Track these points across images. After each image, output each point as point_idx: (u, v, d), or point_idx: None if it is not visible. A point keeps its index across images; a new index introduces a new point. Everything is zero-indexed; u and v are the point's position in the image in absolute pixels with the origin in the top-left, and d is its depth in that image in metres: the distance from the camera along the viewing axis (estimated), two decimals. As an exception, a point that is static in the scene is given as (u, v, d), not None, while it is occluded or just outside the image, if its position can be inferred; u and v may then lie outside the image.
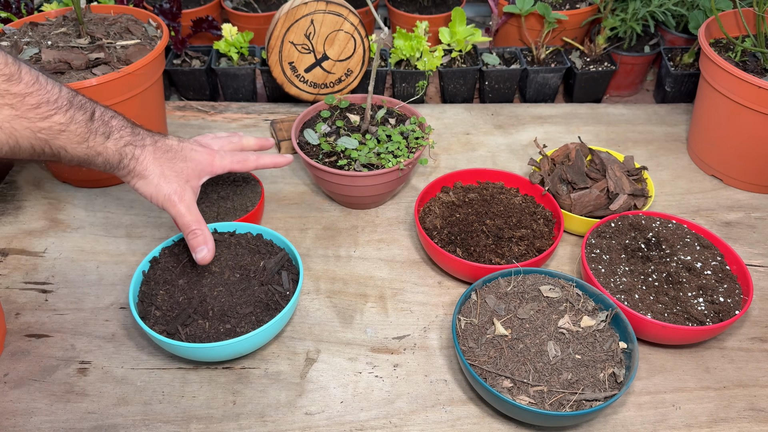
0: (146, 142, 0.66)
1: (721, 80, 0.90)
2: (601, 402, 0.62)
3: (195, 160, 0.70)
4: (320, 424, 0.66)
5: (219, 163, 0.72)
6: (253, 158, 0.76)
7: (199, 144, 0.73)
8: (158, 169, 0.66)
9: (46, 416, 0.67)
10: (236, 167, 0.74)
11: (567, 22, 1.19)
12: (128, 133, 0.64)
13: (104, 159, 0.62)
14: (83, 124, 0.60)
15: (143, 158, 0.65)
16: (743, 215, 0.93)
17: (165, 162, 0.67)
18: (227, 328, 0.68)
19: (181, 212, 0.67)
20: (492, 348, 0.67)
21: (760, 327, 0.77)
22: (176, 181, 0.67)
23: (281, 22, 0.97)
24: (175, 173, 0.67)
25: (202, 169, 0.70)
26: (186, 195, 0.68)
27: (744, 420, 0.67)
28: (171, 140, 0.69)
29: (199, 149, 0.71)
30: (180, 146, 0.69)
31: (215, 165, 0.72)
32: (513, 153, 1.05)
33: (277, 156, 0.79)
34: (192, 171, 0.69)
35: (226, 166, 0.73)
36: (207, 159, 0.71)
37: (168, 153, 0.67)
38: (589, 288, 0.72)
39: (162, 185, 0.66)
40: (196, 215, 0.68)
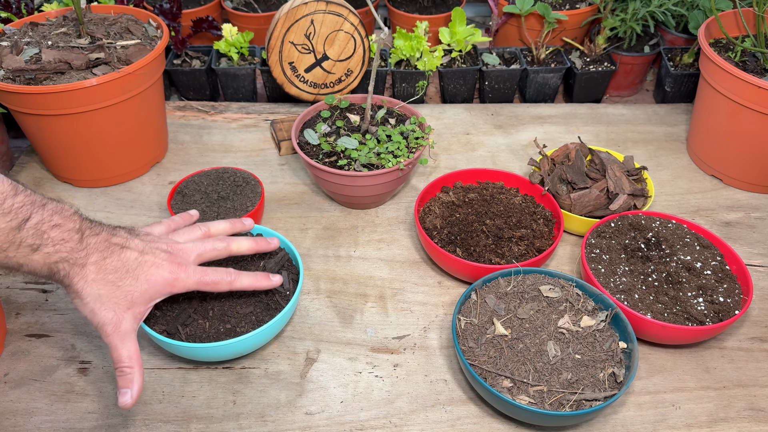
0: (90, 259, 0.58)
1: (721, 80, 0.91)
2: (601, 402, 0.62)
3: (150, 281, 0.60)
4: (320, 423, 0.67)
5: (181, 285, 0.62)
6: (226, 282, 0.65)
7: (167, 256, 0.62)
8: (95, 292, 0.58)
9: (46, 416, 0.67)
10: (205, 289, 0.64)
11: (567, 22, 1.19)
12: (68, 249, 0.56)
13: (28, 269, 0.55)
14: (4, 234, 0.53)
15: (78, 279, 0.57)
16: (743, 215, 0.93)
17: (107, 284, 0.58)
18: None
19: (113, 345, 0.59)
20: (492, 348, 0.67)
21: (759, 327, 0.77)
22: (113, 309, 0.58)
23: (281, 22, 0.97)
24: (115, 298, 0.58)
25: (157, 291, 0.61)
26: (123, 325, 0.59)
27: (744, 420, 0.67)
28: (129, 253, 0.60)
29: (162, 266, 0.61)
30: (137, 262, 0.60)
31: (175, 287, 0.62)
32: (513, 153, 1.05)
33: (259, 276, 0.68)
34: (141, 295, 0.60)
35: (191, 288, 0.63)
36: (166, 280, 0.61)
37: (117, 273, 0.58)
38: (588, 288, 0.72)
39: (96, 311, 0.58)
40: (129, 350, 0.59)
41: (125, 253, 0.60)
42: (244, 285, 0.66)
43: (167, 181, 0.98)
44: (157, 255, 0.61)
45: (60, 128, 0.88)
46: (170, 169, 1.00)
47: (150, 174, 0.99)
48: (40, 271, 0.56)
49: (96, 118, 0.88)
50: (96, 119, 0.88)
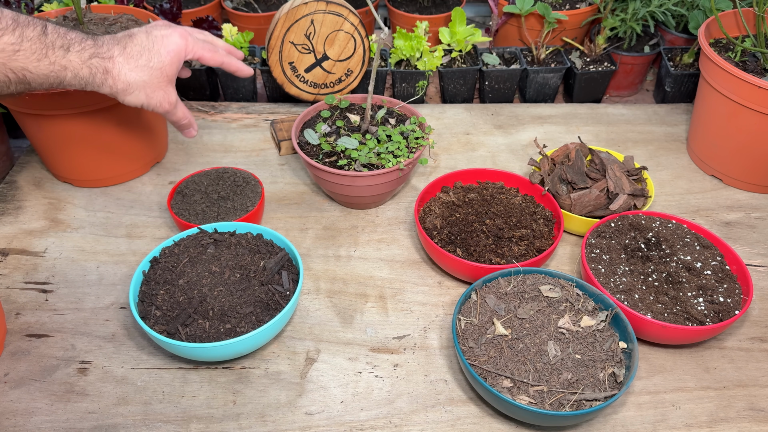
0: (113, 52, 0.65)
1: (721, 80, 0.91)
2: (601, 402, 0.62)
3: (169, 51, 0.69)
4: (320, 423, 0.67)
5: (191, 47, 0.72)
6: (222, 52, 0.76)
7: (167, 25, 0.71)
8: (140, 79, 0.66)
9: (46, 416, 0.67)
10: (206, 54, 0.74)
11: (567, 22, 1.19)
12: (91, 45, 0.63)
13: (73, 74, 0.62)
14: (36, 40, 0.59)
15: (117, 71, 0.65)
16: (743, 215, 0.93)
17: (142, 69, 0.66)
18: (227, 328, 0.68)
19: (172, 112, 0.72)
20: (492, 348, 0.67)
21: (759, 327, 0.77)
22: (161, 87, 0.68)
23: (281, 22, 0.97)
24: (156, 80, 0.68)
25: (179, 59, 0.70)
26: (171, 96, 0.70)
27: (744, 420, 0.67)
28: (138, 38, 0.68)
29: (170, 34, 0.70)
30: (150, 41, 0.68)
31: (188, 50, 0.71)
32: (513, 153, 1.05)
33: (241, 64, 0.80)
34: (170, 66, 0.69)
35: (197, 52, 0.73)
36: (180, 45, 0.70)
37: (141, 56, 0.67)
38: (589, 288, 0.72)
39: (150, 95, 0.68)
40: (183, 109, 0.73)
41: (135, 38, 0.67)
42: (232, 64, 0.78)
43: (167, 181, 0.98)
44: (160, 29, 0.70)
45: (60, 128, 0.88)
46: (170, 169, 1.00)
47: (150, 174, 0.99)
48: (81, 71, 0.62)
49: (96, 118, 0.88)
50: (96, 119, 0.88)
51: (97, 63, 0.63)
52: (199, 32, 0.77)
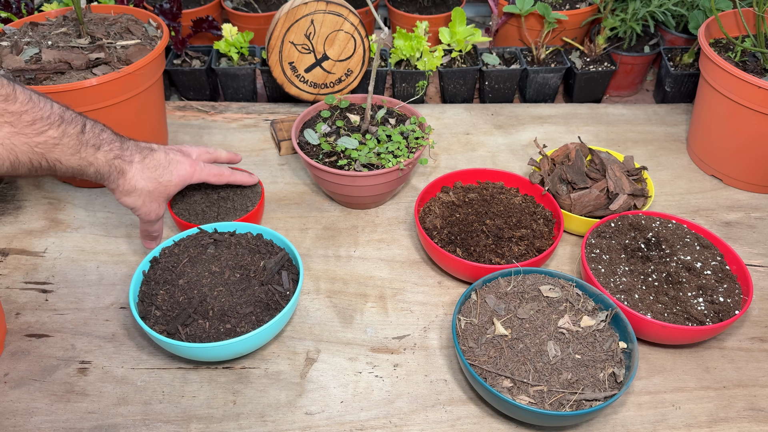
0: (134, 158, 0.71)
1: (721, 80, 0.91)
2: (601, 402, 0.62)
3: (179, 175, 0.76)
4: (320, 423, 0.67)
5: (198, 176, 0.79)
6: (227, 173, 0.83)
7: (181, 154, 0.78)
8: (146, 187, 0.73)
9: (46, 416, 0.67)
10: (212, 180, 0.81)
11: (567, 22, 1.19)
12: (117, 147, 0.69)
13: (95, 170, 0.67)
14: (75, 137, 0.64)
15: (131, 175, 0.71)
16: (743, 215, 0.93)
17: (151, 181, 0.73)
18: (227, 328, 0.68)
19: (152, 223, 0.77)
20: (492, 348, 0.67)
21: (759, 327, 0.77)
22: (158, 201, 0.75)
23: (281, 23, 0.97)
24: (158, 193, 0.75)
25: (183, 181, 0.77)
26: (161, 211, 0.77)
27: (744, 420, 0.67)
28: (158, 154, 0.75)
29: (183, 161, 0.77)
30: (167, 160, 0.75)
31: (194, 177, 0.79)
32: (513, 153, 1.05)
33: (245, 176, 0.85)
34: (174, 185, 0.76)
35: (203, 178, 0.80)
36: (188, 172, 0.77)
37: (156, 170, 0.74)
38: (589, 288, 0.72)
39: (146, 203, 0.74)
40: (160, 225, 0.79)
41: (155, 154, 0.74)
42: (238, 178, 0.84)
43: (167, 181, 0.98)
44: (176, 154, 0.77)
45: (60, 128, 0.88)
46: (170, 169, 1.00)
47: (150, 174, 0.99)
48: (103, 168, 0.68)
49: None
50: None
51: (118, 164, 0.69)
52: (205, 152, 0.83)
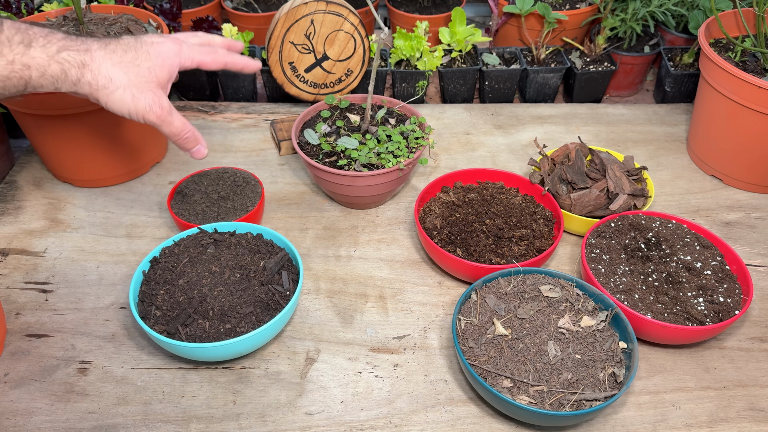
0: (91, 46, 0.56)
1: (721, 80, 0.91)
2: (601, 402, 0.62)
3: (161, 54, 0.60)
4: (320, 423, 0.67)
5: (187, 53, 0.62)
6: (222, 52, 0.67)
7: (159, 35, 0.63)
8: (124, 77, 0.56)
9: (46, 416, 0.67)
10: (206, 59, 0.65)
11: (567, 22, 1.19)
12: (59, 38, 0.54)
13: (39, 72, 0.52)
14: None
15: (97, 65, 0.55)
16: (743, 215, 0.93)
17: (127, 66, 0.57)
18: (227, 328, 0.68)
19: (168, 121, 0.60)
20: (492, 348, 0.67)
21: (760, 327, 0.77)
22: (149, 89, 0.58)
23: (281, 22, 0.97)
24: (144, 79, 0.58)
25: (171, 63, 0.61)
26: (164, 101, 0.60)
27: (744, 420, 0.67)
28: (124, 39, 0.60)
29: (162, 41, 0.61)
30: (138, 42, 0.60)
31: (183, 56, 0.62)
32: (513, 153, 1.05)
33: (247, 58, 0.70)
34: (161, 69, 0.60)
35: (195, 57, 0.64)
36: (173, 50, 0.61)
37: (127, 53, 0.58)
38: (589, 288, 0.72)
39: (137, 96, 0.57)
40: (180, 118, 0.62)
41: (121, 39, 0.59)
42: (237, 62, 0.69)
43: (167, 181, 0.98)
44: (151, 36, 0.62)
45: (60, 128, 0.88)
46: (170, 169, 1.00)
47: (150, 174, 0.99)
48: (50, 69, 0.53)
49: (96, 118, 0.88)
50: (96, 119, 0.88)
51: (69, 57, 0.54)
52: (192, 35, 0.69)
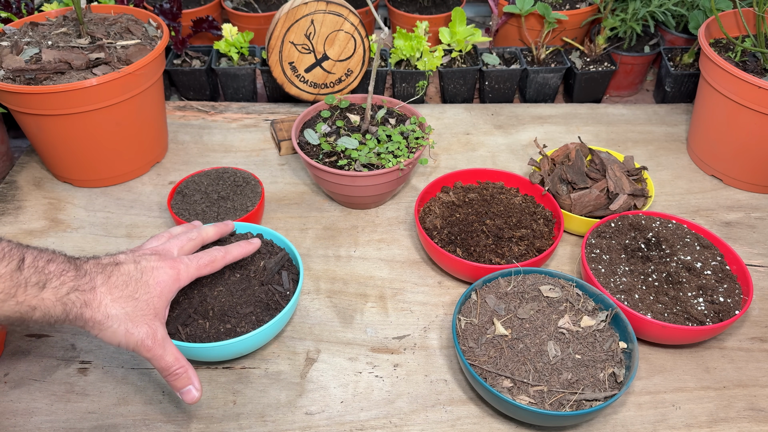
0: (96, 282, 0.57)
1: (721, 80, 0.91)
2: (601, 402, 0.62)
3: (160, 283, 0.60)
4: (320, 423, 0.66)
5: (185, 275, 0.63)
6: (220, 256, 0.67)
7: (157, 257, 0.63)
8: (122, 311, 0.57)
9: (46, 416, 0.67)
10: (204, 272, 0.65)
11: (567, 22, 1.19)
12: (71, 277, 0.55)
13: (43, 313, 0.53)
14: (7, 278, 0.51)
15: (98, 303, 0.56)
16: (743, 215, 0.93)
17: (126, 300, 0.57)
18: (227, 328, 0.68)
19: (158, 355, 0.59)
20: (492, 348, 0.67)
21: (760, 327, 0.77)
22: (145, 321, 0.58)
23: (281, 22, 0.97)
24: (141, 312, 0.58)
25: (169, 290, 0.61)
26: (158, 333, 0.59)
27: (744, 420, 0.67)
28: (126, 267, 0.59)
29: (161, 266, 0.61)
30: (138, 271, 0.60)
31: (181, 280, 0.63)
32: (513, 153, 1.05)
33: (243, 244, 0.70)
34: (158, 299, 0.60)
35: (193, 275, 0.64)
36: (172, 277, 0.62)
37: (128, 287, 0.58)
38: (589, 288, 0.72)
39: (131, 330, 0.57)
40: (173, 353, 0.60)
41: (122, 268, 0.59)
42: (235, 255, 0.69)
43: (167, 181, 0.98)
44: (149, 259, 0.62)
45: (60, 128, 0.88)
46: (170, 169, 1.00)
47: (150, 174, 0.99)
48: (54, 310, 0.53)
49: (96, 118, 0.88)
50: (96, 119, 0.88)
51: (75, 297, 0.54)
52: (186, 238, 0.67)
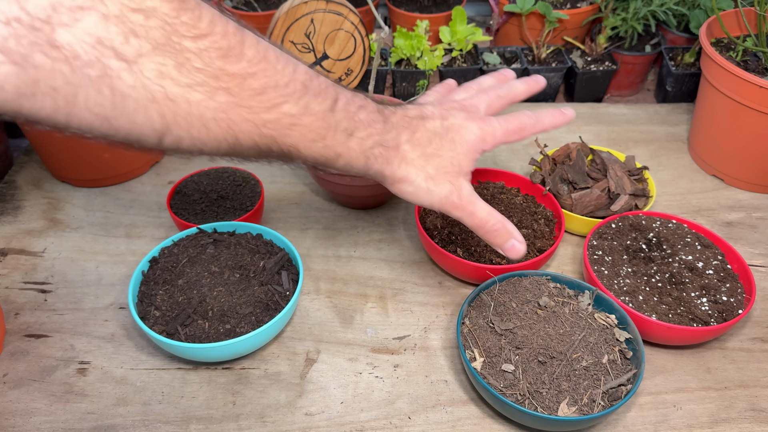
0: (401, 139, 0.53)
1: (723, 80, 0.90)
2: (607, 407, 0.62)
3: (466, 143, 0.56)
4: (320, 424, 0.66)
5: (491, 139, 0.58)
6: (529, 125, 0.60)
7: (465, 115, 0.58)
8: (422, 172, 0.54)
9: (45, 416, 0.66)
10: (511, 139, 0.59)
11: (568, 22, 1.18)
12: (378, 130, 0.51)
13: (345, 162, 0.50)
14: (320, 117, 0.46)
15: (398, 162, 0.53)
16: (744, 215, 0.93)
17: (430, 158, 0.54)
18: (227, 329, 0.67)
19: (468, 211, 0.56)
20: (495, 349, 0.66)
21: (761, 327, 0.77)
22: (447, 179, 0.54)
23: (281, 22, 0.97)
24: (444, 169, 0.54)
25: (475, 150, 0.57)
26: (464, 190, 0.55)
27: (745, 420, 0.67)
28: (432, 122, 0.55)
29: (468, 125, 0.57)
30: (444, 128, 0.56)
31: (487, 143, 0.58)
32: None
33: (555, 113, 0.63)
34: (464, 158, 0.56)
35: (499, 141, 0.59)
36: (479, 137, 0.56)
37: (432, 144, 0.54)
38: (591, 290, 0.72)
39: (432, 189, 0.54)
40: (485, 209, 0.56)
41: (429, 123, 0.55)
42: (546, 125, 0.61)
43: (167, 180, 0.98)
44: (457, 116, 0.57)
45: (59, 127, 0.87)
46: (169, 168, 1.00)
47: (149, 174, 0.99)
48: (356, 162, 0.50)
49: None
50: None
51: (378, 153, 0.51)
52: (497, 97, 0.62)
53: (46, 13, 0.33)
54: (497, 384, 0.63)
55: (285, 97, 0.43)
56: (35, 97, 0.35)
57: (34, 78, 0.34)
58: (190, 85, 0.39)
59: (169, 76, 0.38)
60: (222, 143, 0.42)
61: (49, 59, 0.34)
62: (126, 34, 0.36)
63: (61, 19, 0.34)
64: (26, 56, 0.33)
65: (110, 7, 0.35)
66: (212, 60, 0.39)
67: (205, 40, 0.39)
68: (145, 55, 0.36)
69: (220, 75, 0.40)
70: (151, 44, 0.37)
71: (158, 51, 0.37)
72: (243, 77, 0.41)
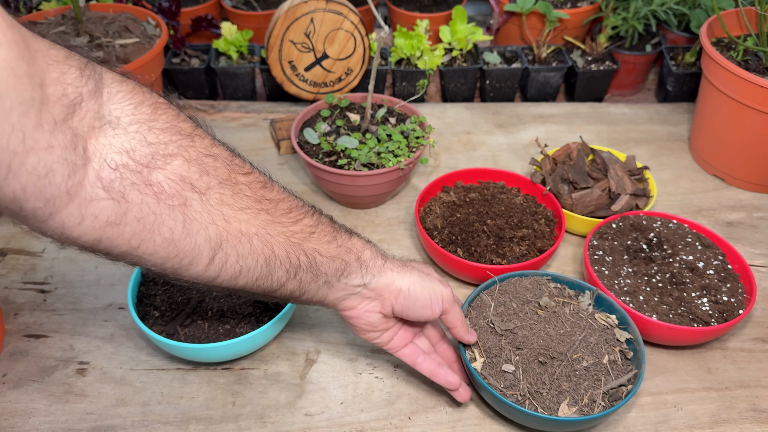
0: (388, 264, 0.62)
1: (723, 79, 0.90)
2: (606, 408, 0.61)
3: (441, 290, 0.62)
4: (320, 425, 0.66)
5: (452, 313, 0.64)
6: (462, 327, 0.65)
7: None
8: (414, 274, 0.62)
9: (44, 417, 0.66)
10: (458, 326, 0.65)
11: (568, 21, 1.18)
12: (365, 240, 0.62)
13: (356, 257, 0.59)
14: (328, 224, 0.58)
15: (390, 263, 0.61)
16: (745, 215, 0.93)
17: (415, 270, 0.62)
18: (226, 329, 0.67)
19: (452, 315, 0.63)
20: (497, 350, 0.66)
21: (761, 328, 0.77)
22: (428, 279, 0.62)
23: (281, 21, 0.97)
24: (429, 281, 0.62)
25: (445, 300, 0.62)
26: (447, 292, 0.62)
27: (746, 421, 0.67)
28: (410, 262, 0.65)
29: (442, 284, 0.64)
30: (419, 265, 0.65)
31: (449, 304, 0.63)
32: (514, 152, 1.04)
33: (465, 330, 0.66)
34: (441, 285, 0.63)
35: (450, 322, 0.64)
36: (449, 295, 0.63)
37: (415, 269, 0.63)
38: (592, 290, 0.72)
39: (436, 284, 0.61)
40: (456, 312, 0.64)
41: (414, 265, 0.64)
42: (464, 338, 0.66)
43: (166, 180, 0.98)
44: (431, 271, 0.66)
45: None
46: (169, 168, 1.00)
47: (149, 173, 0.99)
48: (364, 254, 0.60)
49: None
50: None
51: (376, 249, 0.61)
52: None
53: (147, 160, 0.45)
54: (497, 384, 0.63)
55: (303, 214, 0.56)
56: (118, 226, 0.44)
57: (125, 210, 0.44)
58: (241, 208, 0.51)
59: (227, 203, 0.50)
60: (260, 257, 0.52)
61: (141, 194, 0.44)
62: (201, 173, 0.48)
63: (156, 164, 0.45)
64: (124, 194, 0.44)
65: (191, 153, 0.48)
66: (256, 189, 0.53)
67: (251, 176, 0.53)
68: (212, 187, 0.49)
69: (261, 200, 0.53)
70: (218, 180, 0.49)
71: (222, 184, 0.50)
72: (276, 201, 0.54)
